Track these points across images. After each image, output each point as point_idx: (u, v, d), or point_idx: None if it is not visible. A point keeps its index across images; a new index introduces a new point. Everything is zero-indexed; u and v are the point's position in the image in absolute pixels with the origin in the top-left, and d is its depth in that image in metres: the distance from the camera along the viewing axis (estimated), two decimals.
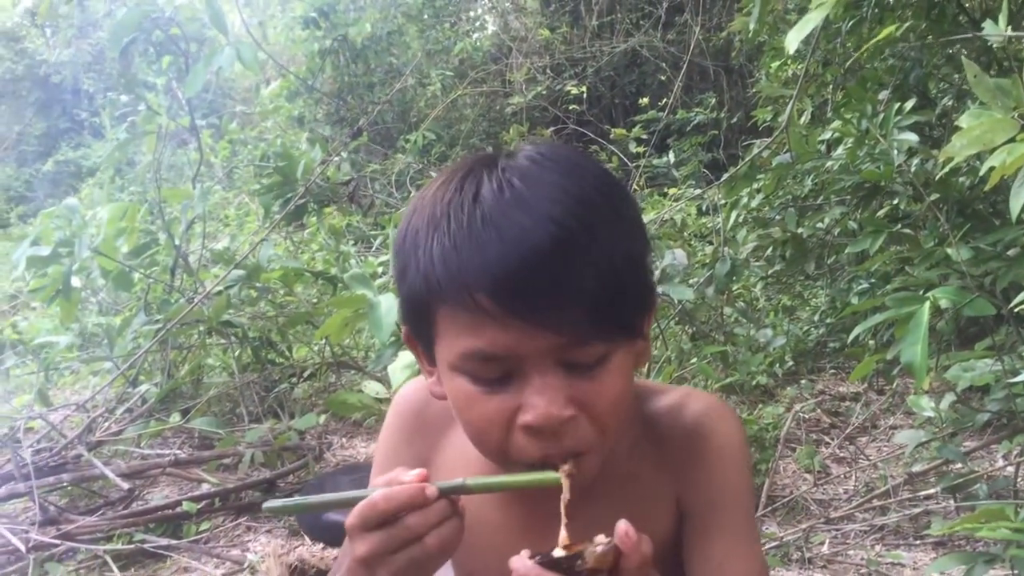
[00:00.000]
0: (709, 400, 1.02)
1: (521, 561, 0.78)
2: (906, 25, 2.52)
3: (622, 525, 0.75)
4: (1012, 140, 1.81)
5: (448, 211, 0.81)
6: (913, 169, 3.00)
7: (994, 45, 1.86)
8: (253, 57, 3.56)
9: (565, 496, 0.83)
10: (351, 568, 0.82)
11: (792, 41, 1.86)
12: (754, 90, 5.99)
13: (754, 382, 3.75)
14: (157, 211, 3.99)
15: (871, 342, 3.74)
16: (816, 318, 4.60)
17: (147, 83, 4.74)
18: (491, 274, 0.76)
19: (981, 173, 1.98)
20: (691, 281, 3.81)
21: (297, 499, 0.86)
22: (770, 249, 4.15)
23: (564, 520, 0.83)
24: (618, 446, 0.98)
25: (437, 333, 0.85)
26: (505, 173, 0.81)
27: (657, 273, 3.36)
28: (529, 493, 0.97)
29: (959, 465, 2.56)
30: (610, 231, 0.81)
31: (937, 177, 2.85)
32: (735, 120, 7.39)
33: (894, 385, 3.71)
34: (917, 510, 2.60)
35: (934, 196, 3.00)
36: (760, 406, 3.56)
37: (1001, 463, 2.76)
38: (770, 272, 4.46)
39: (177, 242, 3.88)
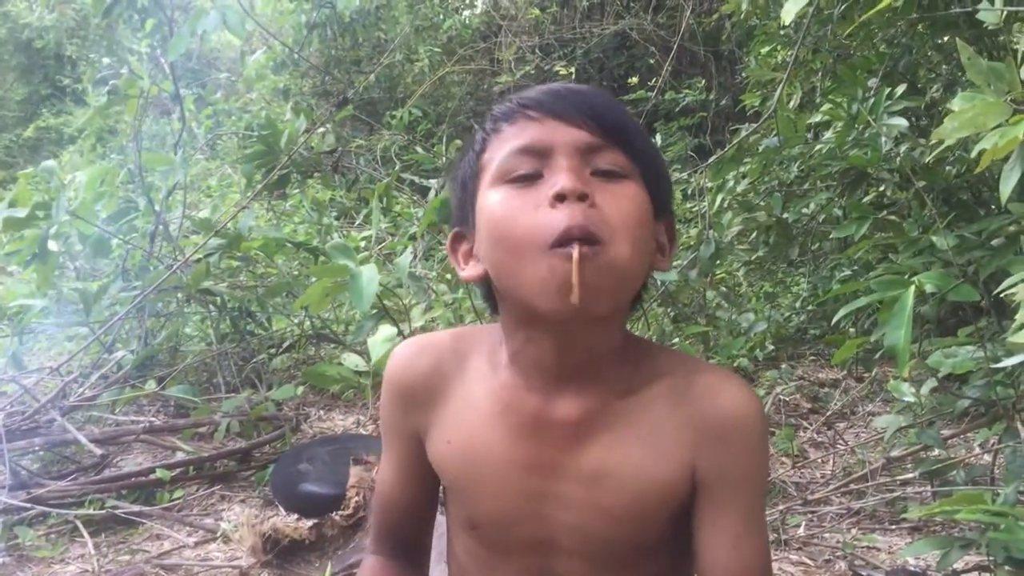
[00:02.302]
0: (744, 384, 1.03)
1: None
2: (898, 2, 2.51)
3: None
4: (1004, 123, 1.81)
5: (501, 101, 1.00)
6: (900, 156, 2.99)
7: (989, 26, 1.84)
8: (239, 22, 3.51)
9: (575, 275, 0.85)
10: None
11: (788, 12, 1.84)
12: (743, 75, 5.97)
13: (734, 364, 3.75)
14: (137, 177, 3.93)
15: (851, 330, 3.75)
16: (797, 305, 4.61)
17: (130, 49, 4.67)
18: (536, 97, 0.96)
19: (972, 155, 1.97)
20: (674, 263, 3.81)
21: None
22: (754, 234, 4.15)
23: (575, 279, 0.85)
24: (642, 387, 1.00)
25: (480, 177, 0.97)
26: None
27: None
28: (537, 429, 0.98)
29: (937, 451, 2.57)
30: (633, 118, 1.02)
31: (925, 162, 2.84)
32: (723, 103, 7.38)
33: (873, 372, 3.72)
34: (894, 495, 2.61)
35: (920, 184, 3.00)
36: None
37: (979, 451, 2.77)
38: (753, 257, 4.46)
39: (157, 208, 3.83)
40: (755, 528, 0.99)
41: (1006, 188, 1.82)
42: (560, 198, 0.87)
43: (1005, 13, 1.78)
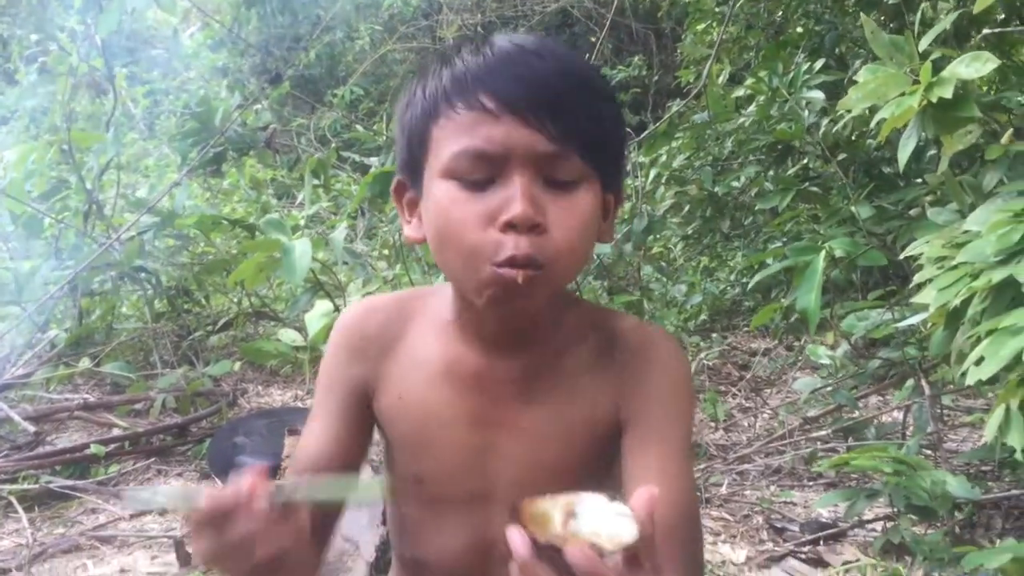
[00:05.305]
0: (665, 332, 1.08)
1: (522, 546, 0.68)
2: None
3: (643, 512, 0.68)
4: (903, 94, 1.90)
5: (460, 46, 0.93)
6: (822, 130, 3.08)
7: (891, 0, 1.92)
8: None
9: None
10: None
11: None
12: (679, 51, 6.05)
13: None
14: (69, 155, 3.89)
15: (783, 300, 3.86)
16: (733, 278, 4.71)
17: (60, 26, 4.59)
18: (495, 75, 0.88)
19: (871, 125, 2.06)
20: None
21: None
22: (687, 208, 4.23)
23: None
24: (573, 343, 1.03)
25: (430, 149, 0.93)
26: (513, 37, 0.93)
27: None
28: (480, 386, 1.02)
29: (857, 412, 2.68)
30: (597, 81, 0.95)
31: (846, 135, 2.93)
32: (663, 80, 7.46)
33: (802, 340, 3.83)
34: (809, 451, 2.71)
35: (842, 156, 3.10)
36: None
37: (891, 408, 2.88)
38: (688, 230, 4.55)
39: (89, 186, 3.80)
40: (679, 462, 1.00)
41: (903, 155, 1.91)
42: (512, 226, 0.86)
43: None
